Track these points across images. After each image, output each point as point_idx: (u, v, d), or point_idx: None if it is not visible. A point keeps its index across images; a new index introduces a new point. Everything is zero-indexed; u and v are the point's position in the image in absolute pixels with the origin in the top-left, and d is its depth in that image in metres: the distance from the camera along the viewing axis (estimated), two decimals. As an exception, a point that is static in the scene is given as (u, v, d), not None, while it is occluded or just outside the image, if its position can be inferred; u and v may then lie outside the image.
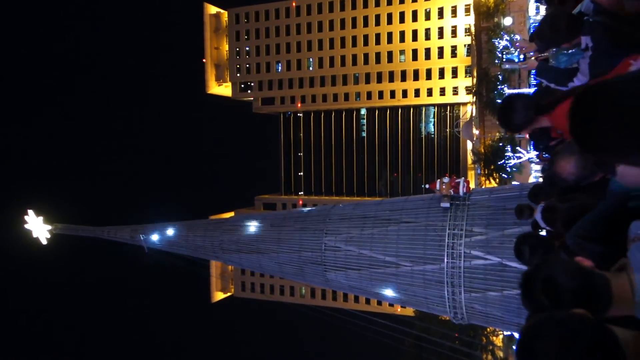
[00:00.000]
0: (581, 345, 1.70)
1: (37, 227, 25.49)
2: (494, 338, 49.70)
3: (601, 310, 2.09)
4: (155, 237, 22.21)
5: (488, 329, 45.79)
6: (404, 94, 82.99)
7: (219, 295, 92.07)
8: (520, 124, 4.47)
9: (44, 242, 25.61)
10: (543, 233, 6.87)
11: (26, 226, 25.69)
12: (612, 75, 3.82)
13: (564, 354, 1.70)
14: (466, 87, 75.52)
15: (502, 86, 51.95)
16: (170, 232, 22.09)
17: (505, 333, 43.76)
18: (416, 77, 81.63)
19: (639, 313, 2.13)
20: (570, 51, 5.98)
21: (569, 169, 4.04)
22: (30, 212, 25.66)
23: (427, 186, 18.17)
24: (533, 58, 7.86)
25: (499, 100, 52.16)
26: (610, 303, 2.12)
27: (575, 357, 1.69)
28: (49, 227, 25.48)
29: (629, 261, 2.31)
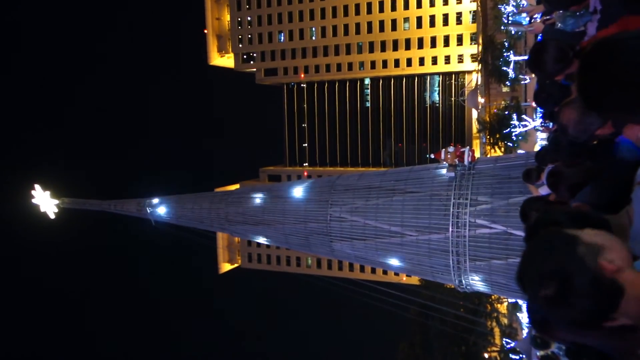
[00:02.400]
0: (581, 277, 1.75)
1: (45, 201, 25.65)
2: (499, 305, 50.26)
3: None
4: (161, 210, 22.37)
5: (492, 297, 46.28)
6: (408, 62, 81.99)
7: (226, 267, 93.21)
8: (555, 68, 4.36)
9: (52, 216, 25.80)
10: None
11: (33, 201, 25.86)
12: (616, 29, 3.75)
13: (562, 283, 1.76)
14: (471, 54, 74.50)
15: (508, 53, 51.17)
16: (176, 204, 22.23)
17: (510, 300, 44.23)
18: (420, 45, 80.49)
19: (634, 246, 2.20)
20: (577, 13, 5.86)
21: (573, 117, 4.01)
22: (37, 186, 25.79)
23: (432, 156, 18.12)
24: (539, 21, 7.71)
25: (504, 68, 51.52)
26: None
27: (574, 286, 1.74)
28: (56, 201, 25.65)
29: (631, 203, 2.36)
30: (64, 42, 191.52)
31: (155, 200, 22.78)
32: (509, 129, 48.46)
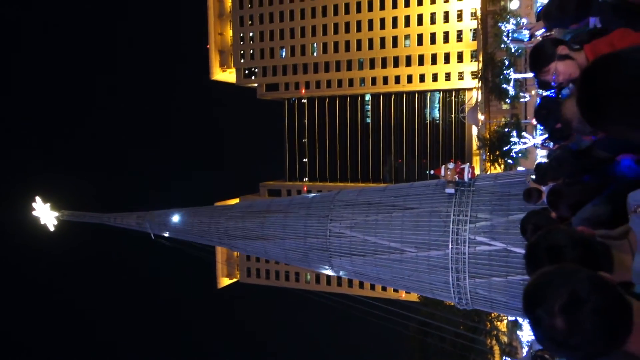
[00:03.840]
0: (591, 301, 1.68)
1: (45, 213, 25.67)
2: (498, 323, 49.91)
3: None
4: (161, 224, 22.31)
5: (492, 314, 45.96)
6: (409, 79, 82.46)
7: (224, 281, 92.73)
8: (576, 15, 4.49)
9: (52, 228, 25.80)
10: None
11: (34, 213, 25.89)
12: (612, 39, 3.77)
13: (572, 307, 1.68)
14: (472, 72, 74.96)
15: (508, 71, 51.51)
16: (176, 218, 22.18)
17: (510, 318, 43.92)
18: (421, 62, 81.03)
19: (635, 279, 2.16)
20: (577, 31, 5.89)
21: (577, 110, 4.00)
22: (38, 199, 25.83)
23: (431, 172, 18.14)
24: (540, 38, 7.76)
25: (505, 85, 51.82)
26: (612, 270, 2.14)
27: (583, 314, 1.67)
28: (56, 213, 25.65)
29: (631, 230, 2.33)
30: (69, 54, 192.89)
31: (155, 214, 22.74)
32: (509, 146, 48.58)
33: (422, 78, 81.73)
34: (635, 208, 2.46)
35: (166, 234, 22.44)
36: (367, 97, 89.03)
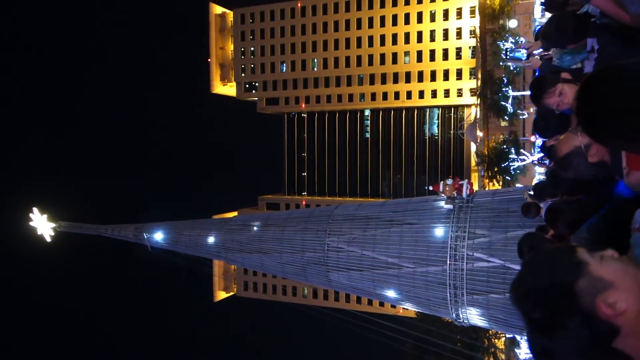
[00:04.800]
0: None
1: (42, 224, 25.61)
2: (496, 340, 49.60)
3: None
4: (158, 236, 22.26)
5: (490, 331, 45.70)
6: (408, 95, 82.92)
7: (221, 295, 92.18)
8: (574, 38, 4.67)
9: (48, 239, 25.72)
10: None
11: (31, 223, 25.83)
12: None
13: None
14: (470, 89, 75.44)
15: (507, 88, 51.88)
16: (173, 230, 22.14)
17: (507, 335, 43.66)
18: (420, 78, 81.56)
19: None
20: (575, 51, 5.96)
21: (567, 147, 3.91)
22: (35, 209, 25.79)
23: (430, 188, 18.10)
24: (537, 57, 7.85)
25: (503, 103, 52.15)
26: None
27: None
28: (53, 224, 25.59)
29: (632, 246, 2.33)
30: (69, 64, 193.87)
31: (153, 226, 22.70)
32: (507, 163, 48.76)
33: (421, 94, 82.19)
34: (638, 227, 2.46)
35: (163, 247, 22.37)
36: (367, 113, 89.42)
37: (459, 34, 78.35)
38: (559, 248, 1.92)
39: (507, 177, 49.16)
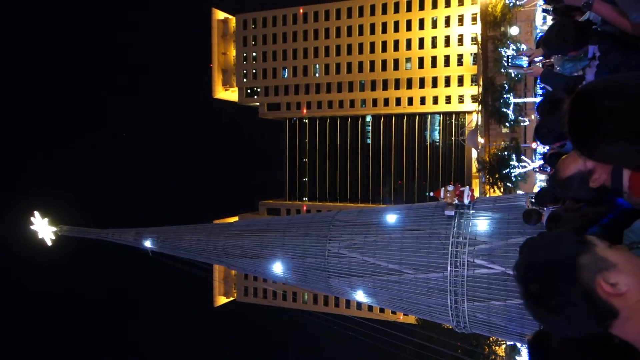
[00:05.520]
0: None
1: (43, 228, 25.62)
2: (497, 348, 49.41)
3: None
4: (159, 240, 22.25)
5: (491, 339, 45.54)
6: (410, 101, 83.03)
7: (221, 300, 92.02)
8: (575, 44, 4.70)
9: (49, 243, 25.73)
10: None
11: (32, 227, 25.84)
12: None
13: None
14: (472, 95, 75.54)
15: (508, 95, 51.96)
16: (174, 235, 22.13)
17: (508, 343, 43.49)
18: (422, 84, 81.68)
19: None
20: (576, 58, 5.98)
21: (570, 170, 3.88)
22: (37, 213, 25.81)
23: (431, 194, 18.10)
24: (539, 64, 7.86)
25: (504, 109, 52.19)
26: None
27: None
28: (54, 228, 25.61)
29: None
30: (71, 68, 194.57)
31: (153, 231, 22.70)
32: (508, 170, 48.76)
33: (422, 100, 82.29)
34: (630, 244, 2.45)
35: (164, 251, 22.37)
36: (368, 119, 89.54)
37: (460, 41, 78.53)
38: (565, 230, 1.94)
39: (508, 184, 49.14)
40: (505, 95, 51.92)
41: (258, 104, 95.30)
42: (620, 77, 1.83)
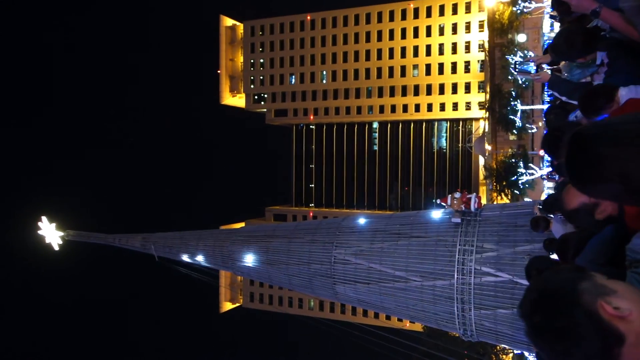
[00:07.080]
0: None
1: (50, 233, 25.76)
2: (504, 356, 49.01)
3: None
4: (165, 246, 22.29)
5: (498, 347, 45.18)
6: (417, 108, 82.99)
7: (227, 306, 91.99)
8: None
9: (56, 247, 25.86)
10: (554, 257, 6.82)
11: (39, 232, 25.99)
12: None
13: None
14: (479, 102, 75.40)
15: (515, 102, 51.81)
16: (180, 241, 22.17)
17: (515, 351, 43.13)
18: (429, 91, 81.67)
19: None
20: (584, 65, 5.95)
21: (575, 202, 3.80)
22: (44, 218, 25.96)
23: (438, 201, 18.03)
24: (546, 70, 7.84)
25: (512, 116, 52.02)
26: None
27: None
28: (62, 233, 25.74)
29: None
30: (79, 74, 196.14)
31: (160, 236, 22.75)
32: (515, 177, 48.52)
33: (429, 107, 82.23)
34: (629, 263, 2.45)
35: (170, 257, 22.40)
36: (375, 125, 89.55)
37: (467, 48, 78.52)
38: (565, 265, 2.01)
39: (515, 191, 48.89)
40: (512, 102, 51.76)
41: (265, 110, 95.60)
42: (617, 124, 1.92)
